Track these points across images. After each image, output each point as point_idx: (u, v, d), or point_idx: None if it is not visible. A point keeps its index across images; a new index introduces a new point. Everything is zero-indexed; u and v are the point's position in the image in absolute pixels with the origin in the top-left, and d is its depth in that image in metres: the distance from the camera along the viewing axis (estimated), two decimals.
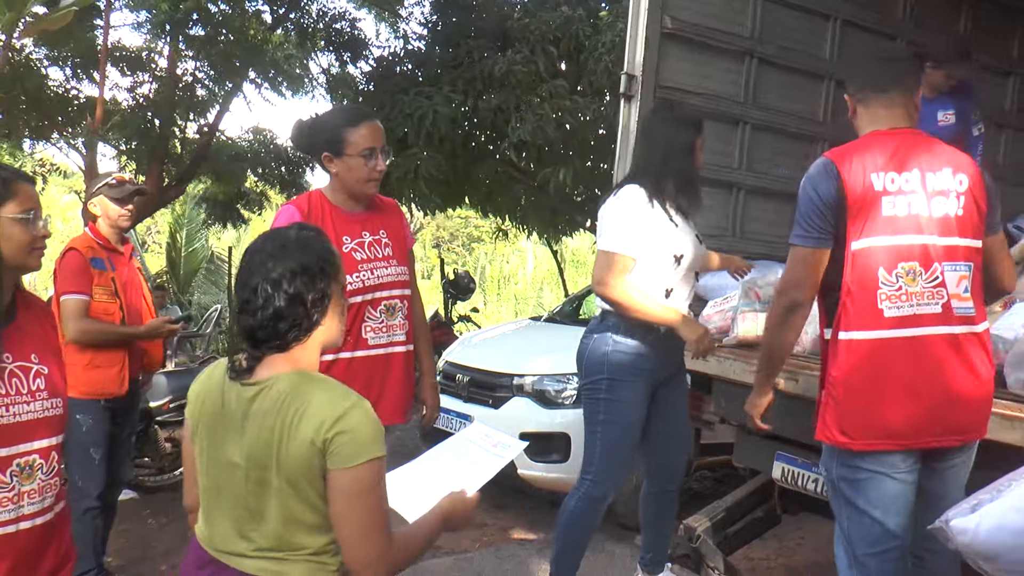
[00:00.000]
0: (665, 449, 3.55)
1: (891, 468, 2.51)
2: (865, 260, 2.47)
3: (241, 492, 1.76)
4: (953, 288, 2.48)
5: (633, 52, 4.27)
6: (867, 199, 2.47)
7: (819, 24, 5.19)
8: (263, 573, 1.75)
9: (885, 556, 2.57)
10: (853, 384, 2.49)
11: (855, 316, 2.48)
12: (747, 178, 4.85)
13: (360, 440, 1.69)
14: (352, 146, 2.94)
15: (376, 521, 1.72)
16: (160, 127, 10.22)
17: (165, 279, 16.75)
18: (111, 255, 3.99)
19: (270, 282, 1.74)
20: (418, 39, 10.62)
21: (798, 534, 5.43)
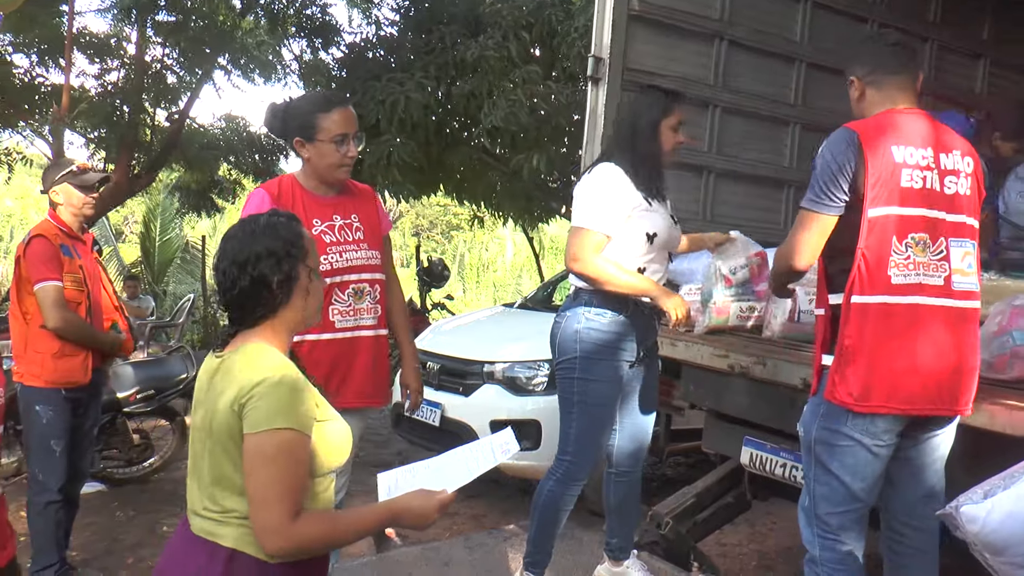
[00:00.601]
0: (630, 431, 3.52)
1: (874, 439, 2.57)
2: (881, 228, 2.53)
3: (196, 453, 1.90)
4: (957, 263, 2.56)
5: (600, 35, 4.23)
6: (888, 169, 2.54)
7: (790, 6, 5.16)
8: (201, 533, 1.85)
9: (846, 516, 2.65)
10: (865, 347, 2.53)
11: (868, 281, 2.53)
12: (717, 161, 4.82)
13: (269, 408, 1.76)
14: (324, 132, 2.93)
15: (276, 492, 1.76)
16: (129, 115, 10.09)
17: (140, 269, 16.63)
18: (75, 243, 3.93)
19: (236, 265, 1.87)
20: (390, 25, 10.52)
21: (769, 519, 5.44)
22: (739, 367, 3.48)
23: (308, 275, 1.94)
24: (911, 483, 2.74)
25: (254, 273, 1.86)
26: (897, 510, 2.78)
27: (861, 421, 2.56)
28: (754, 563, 4.92)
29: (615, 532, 3.54)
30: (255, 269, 1.86)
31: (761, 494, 4.22)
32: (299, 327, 1.99)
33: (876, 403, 2.53)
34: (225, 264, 1.89)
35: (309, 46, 11.25)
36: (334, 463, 1.92)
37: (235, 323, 1.93)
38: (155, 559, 4.52)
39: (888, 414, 2.55)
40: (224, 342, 1.94)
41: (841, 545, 2.66)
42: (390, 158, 8.45)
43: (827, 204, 2.60)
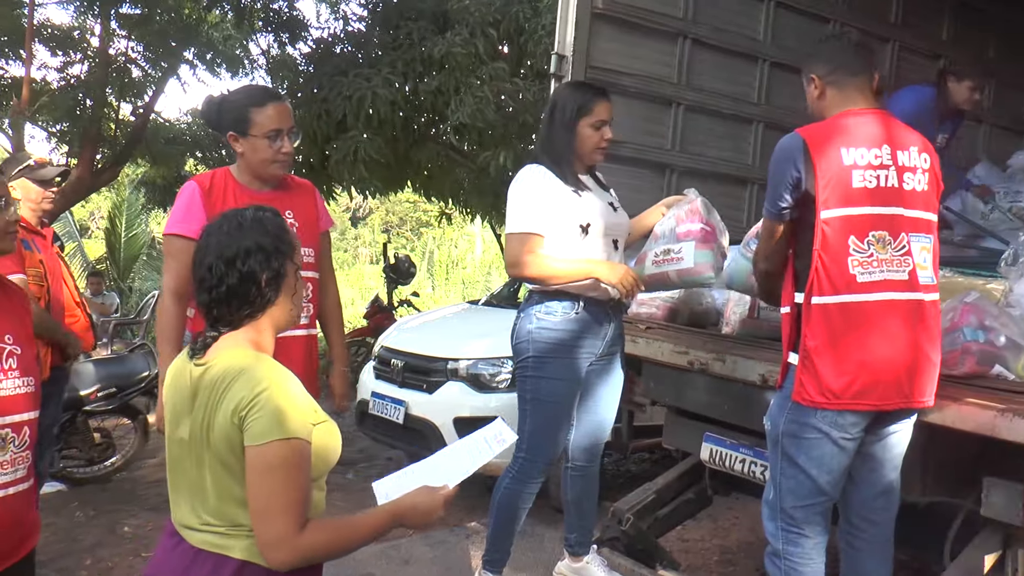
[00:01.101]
0: (587, 427, 3.53)
1: (841, 431, 2.60)
2: (834, 229, 2.58)
3: (189, 468, 1.82)
4: (917, 258, 2.61)
5: (564, 32, 4.24)
6: (837, 172, 2.58)
7: (753, 6, 5.20)
8: (207, 546, 1.79)
9: (811, 509, 2.68)
10: (828, 347, 2.57)
11: (828, 282, 2.57)
12: (680, 159, 4.84)
13: (271, 419, 1.71)
14: (257, 127, 2.91)
15: (280, 503, 1.72)
16: (92, 108, 9.93)
17: (105, 265, 16.43)
18: (34, 238, 3.89)
19: (224, 260, 1.80)
20: (358, 20, 10.44)
21: (732, 514, 5.49)
22: (699, 363, 3.50)
23: (295, 273, 1.90)
24: (870, 479, 2.78)
25: (243, 269, 1.81)
26: (855, 505, 2.82)
27: (829, 415, 2.60)
28: (716, 558, 4.96)
29: (573, 527, 3.56)
30: (244, 265, 1.81)
31: (722, 489, 4.25)
32: (283, 327, 1.94)
33: (846, 400, 2.57)
34: (211, 259, 1.82)
35: (276, 41, 11.13)
36: (329, 465, 1.88)
37: (218, 322, 1.86)
38: (114, 560, 4.52)
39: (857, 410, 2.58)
40: (205, 345, 1.85)
41: (805, 539, 2.70)
42: (356, 154, 8.41)
43: (773, 212, 2.73)
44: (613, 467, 6.77)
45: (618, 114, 4.52)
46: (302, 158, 9.62)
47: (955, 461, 3.20)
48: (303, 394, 1.80)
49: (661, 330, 3.83)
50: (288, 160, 3.01)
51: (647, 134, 4.74)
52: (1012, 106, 6.39)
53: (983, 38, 6.15)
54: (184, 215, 2.96)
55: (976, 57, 4.92)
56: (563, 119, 3.34)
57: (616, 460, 6.83)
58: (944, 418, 2.79)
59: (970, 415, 2.72)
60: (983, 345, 2.94)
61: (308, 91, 9.17)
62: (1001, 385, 2.85)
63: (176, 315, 2.98)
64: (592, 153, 3.39)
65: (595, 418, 3.54)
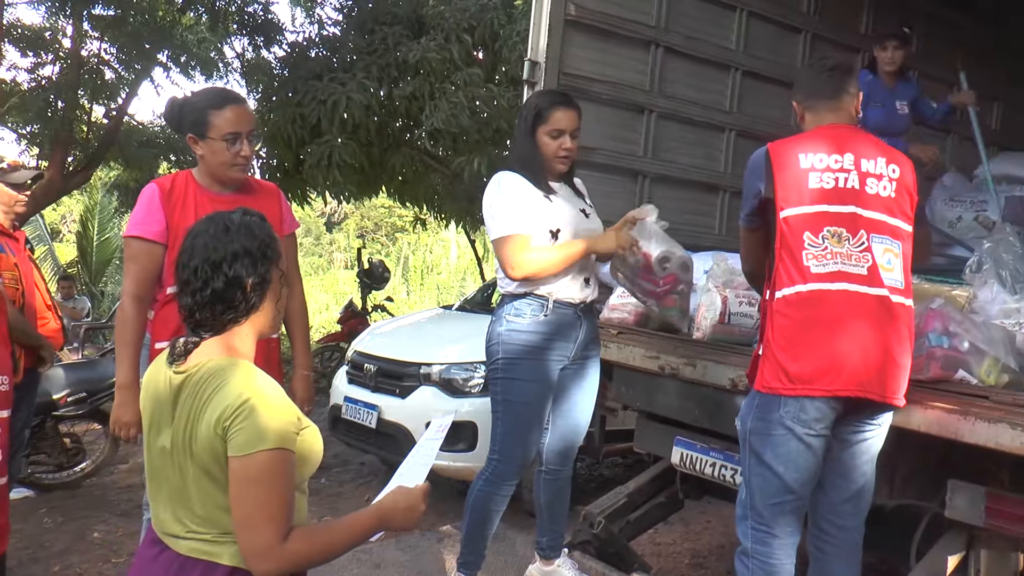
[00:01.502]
0: (561, 431, 3.53)
1: (805, 427, 2.64)
2: (791, 226, 2.68)
3: (171, 476, 1.80)
4: (879, 257, 2.67)
5: (537, 39, 4.26)
6: (794, 175, 2.71)
7: (725, 15, 5.25)
8: (195, 554, 1.77)
9: (780, 508, 2.72)
10: (785, 334, 2.66)
11: (786, 275, 2.68)
12: (652, 166, 4.88)
13: (255, 430, 1.69)
14: (215, 129, 2.89)
15: (265, 514, 1.70)
16: (63, 110, 9.84)
17: (77, 269, 16.28)
18: (7, 240, 3.87)
19: (210, 264, 1.77)
20: (333, 24, 10.45)
21: (704, 518, 5.52)
22: (669, 368, 3.53)
23: (280, 279, 1.89)
24: (839, 484, 2.82)
25: (230, 273, 1.78)
26: (824, 509, 2.85)
27: (792, 408, 2.63)
28: (687, 561, 5.00)
29: (545, 531, 3.57)
30: (231, 269, 1.78)
31: (693, 493, 4.28)
32: (265, 333, 1.92)
33: (801, 386, 2.62)
34: (197, 262, 1.79)
35: (251, 44, 11.10)
36: (312, 468, 1.88)
37: (200, 326, 1.82)
38: (84, 566, 4.48)
39: (817, 397, 2.61)
40: (185, 351, 1.83)
41: (773, 538, 2.72)
42: (331, 159, 8.41)
43: (745, 219, 2.92)
44: (586, 471, 6.79)
45: (590, 121, 4.57)
46: (276, 162, 9.60)
47: (922, 465, 3.26)
48: (286, 402, 1.79)
49: (632, 335, 3.86)
50: (246, 163, 2.99)
51: (619, 141, 4.78)
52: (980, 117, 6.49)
53: (952, 51, 6.25)
54: (143, 217, 2.95)
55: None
56: (525, 127, 3.39)
57: (589, 464, 6.85)
58: (910, 422, 2.84)
59: (935, 419, 2.77)
60: (947, 351, 2.99)
61: (283, 95, 9.15)
62: (964, 390, 2.91)
63: (135, 318, 2.97)
64: (552, 161, 3.39)
65: (569, 422, 3.55)
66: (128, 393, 2.99)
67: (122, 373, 2.98)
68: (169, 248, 2.91)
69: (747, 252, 3.04)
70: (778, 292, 2.69)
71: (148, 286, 2.97)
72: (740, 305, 3.84)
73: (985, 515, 2.86)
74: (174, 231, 2.90)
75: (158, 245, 2.93)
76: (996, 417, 2.63)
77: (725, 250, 4.30)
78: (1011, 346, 3.04)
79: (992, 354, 2.98)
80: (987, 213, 5.38)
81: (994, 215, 5.34)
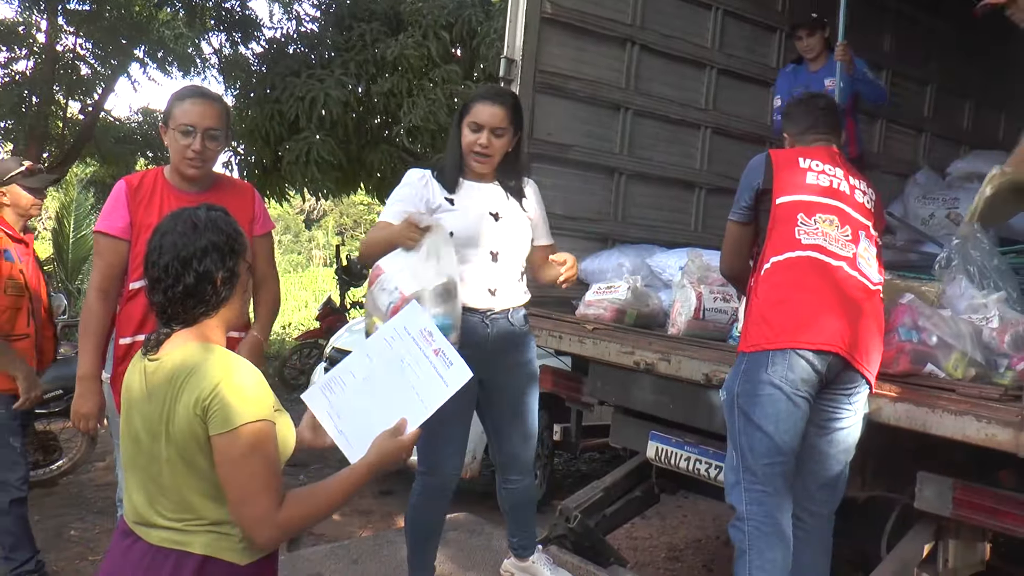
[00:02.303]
0: (507, 441, 3.36)
1: (792, 387, 2.70)
2: (787, 210, 2.85)
3: (145, 464, 1.82)
4: (862, 251, 2.84)
5: (513, 36, 4.28)
6: (792, 169, 2.91)
7: (701, 13, 5.28)
8: (166, 543, 1.79)
9: (771, 468, 2.75)
10: (772, 293, 2.79)
11: (776, 245, 2.83)
12: (629, 163, 4.91)
13: (236, 404, 1.73)
14: (174, 119, 2.91)
15: (257, 485, 1.75)
16: (38, 105, 9.77)
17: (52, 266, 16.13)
18: (17, 245, 3.88)
19: (180, 260, 1.81)
20: (311, 21, 10.41)
21: (680, 512, 5.58)
22: (644, 363, 3.56)
23: (247, 272, 1.93)
24: (814, 470, 2.87)
25: (199, 269, 1.82)
26: (798, 496, 2.89)
27: (780, 367, 2.70)
28: (663, 555, 5.05)
29: (515, 533, 3.46)
30: (201, 265, 1.82)
31: (669, 488, 4.32)
32: (234, 326, 1.97)
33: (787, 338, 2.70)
34: (167, 260, 1.82)
35: (228, 40, 11.07)
36: (285, 456, 1.90)
37: (172, 321, 1.86)
38: (60, 564, 4.47)
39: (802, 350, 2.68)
40: (158, 343, 1.86)
41: (768, 496, 2.74)
42: (309, 155, 8.41)
43: (737, 213, 3.03)
44: (563, 466, 6.83)
45: (567, 118, 4.62)
46: (254, 159, 9.58)
47: (892, 457, 3.31)
48: (263, 381, 1.83)
49: (608, 331, 3.89)
50: (197, 161, 2.94)
51: (596, 138, 4.80)
52: (951, 116, 6.59)
53: (924, 51, 6.34)
54: (108, 213, 2.96)
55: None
56: (456, 117, 3.22)
57: (566, 460, 6.89)
58: (880, 415, 2.89)
59: (904, 412, 2.82)
60: (916, 345, 3.04)
61: (261, 91, 9.12)
62: (932, 383, 2.95)
63: (99, 313, 2.97)
64: (467, 155, 3.15)
65: (513, 431, 3.36)
66: (88, 384, 3.00)
67: (83, 364, 2.98)
68: (133, 244, 2.92)
69: (734, 248, 3.12)
70: (766, 263, 2.82)
71: (113, 281, 2.98)
72: (715, 301, 3.89)
73: (953, 506, 2.91)
74: (137, 228, 2.91)
75: (122, 241, 2.93)
76: (962, 410, 2.68)
77: (700, 246, 4.34)
78: (978, 340, 3.10)
79: (959, 348, 3.03)
80: (959, 210, 5.45)
81: (965, 213, 5.41)
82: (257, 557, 1.85)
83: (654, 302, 4.21)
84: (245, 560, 1.82)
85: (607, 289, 4.23)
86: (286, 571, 3.93)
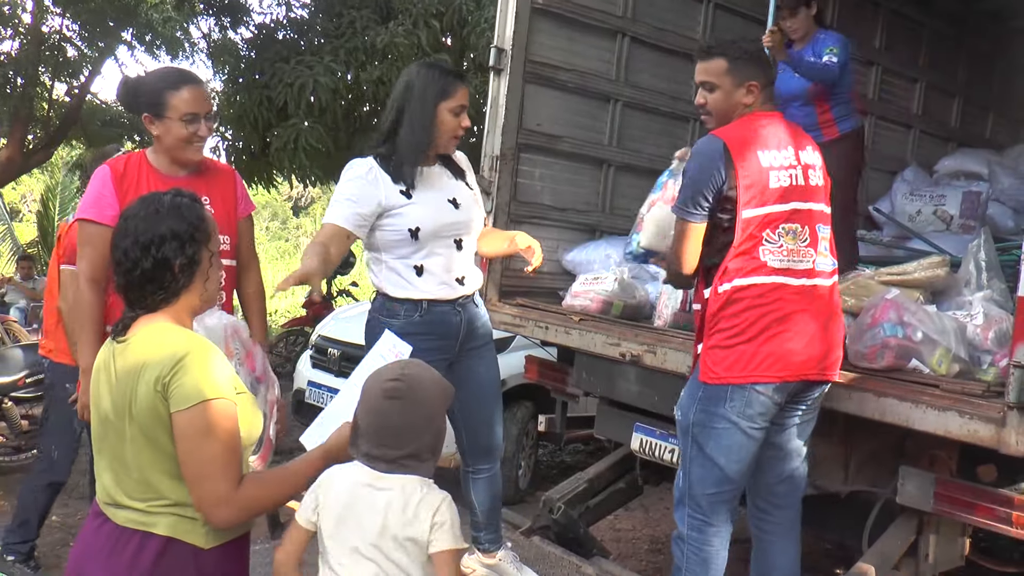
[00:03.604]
0: (472, 428, 3.29)
1: (750, 422, 2.71)
2: (753, 225, 2.72)
3: (113, 443, 1.84)
4: (819, 246, 2.79)
5: (503, 26, 4.25)
6: (757, 174, 2.73)
7: (692, 6, 5.26)
8: (131, 524, 1.81)
9: (718, 497, 2.79)
10: (736, 325, 2.70)
11: (739, 268, 2.71)
12: (617, 155, 4.90)
13: (195, 381, 1.75)
14: (172, 109, 2.87)
15: (216, 464, 1.76)
16: (23, 86, 9.69)
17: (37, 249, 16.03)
18: None
19: (139, 246, 1.83)
20: (301, 7, 10.35)
21: (663, 504, 5.59)
22: (630, 355, 3.57)
23: (209, 259, 1.93)
24: (776, 466, 2.91)
25: (157, 255, 1.83)
26: (761, 490, 2.95)
27: (738, 403, 2.69)
28: (646, 547, 5.07)
29: (481, 527, 3.36)
30: (159, 251, 1.83)
31: (653, 479, 4.34)
32: (198, 311, 1.98)
33: (752, 374, 2.68)
34: (127, 244, 1.85)
35: (217, 24, 10.99)
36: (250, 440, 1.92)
37: (133, 305, 1.89)
38: (42, 549, 4.43)
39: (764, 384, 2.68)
40: (125, 327, 1.88)
41: (708, 527, 2.80)
42: (297, 142, 8.37)
43: (695, 213, 2.78)
44: (548, 457, 6.84)
45: (556, 109, 4.60)
46: (242, 145, 9.52)
47: (875, 453, 3.33)
48: (223, 360, 1.84)
49: (594, 322, 3.89)
50: (203, 144, 2.97)
51: (585, 129, 4.78)
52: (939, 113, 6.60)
53: (914, 48, 6.34)
54: (95, 200, 2.92)
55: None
56: (423, 101, 3.00)
57: (551, 451, 6.90)
58: (863, 410, 2.92)
59: (887, 407, 2.85)
60: (901, 340, 3.07)
61: (249, 77, 9.07)
62: (917, 378, 2.98)
63: (92, 302, 2.94)
64: (449, 141, 3.09)
65: (478, 418, 3.29)
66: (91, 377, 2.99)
67: (85, 357, 2.93)
68: None
69: (690, 249, 2.84)
70: (729, 283, 2.72)
71: (104, 269, 2.94)
72: None
73: (934, 501, 2.95)
74: None
75: (112, 229, 2.91)
76: (945, 405, 2.71)
77: None
78: (962, 336, 3.12)
79: (944, 344, 3.06)
80: (946, 207, 5.47)
81: (952, 209, 5.44)
82: (221, 541, 1.85)
83: (641, 294, 4.21)
84: (209, 543, 1.83)
85: (594, 280, 4.23)
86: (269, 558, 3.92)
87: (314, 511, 1.96)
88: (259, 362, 2.02)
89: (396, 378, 1.95)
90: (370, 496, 1.92)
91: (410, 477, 1.93)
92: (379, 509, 1.91)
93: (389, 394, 1.92)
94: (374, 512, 1.91)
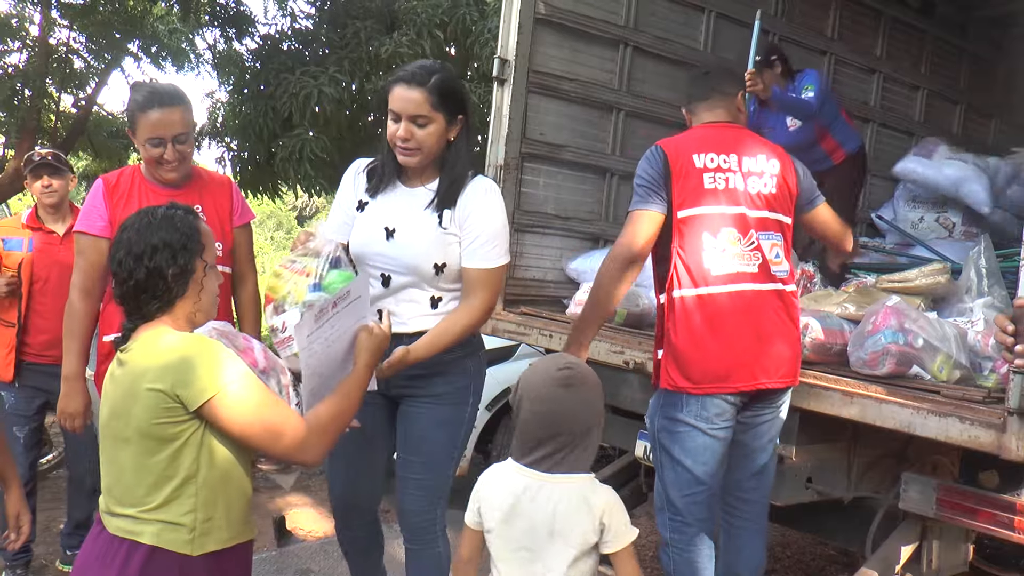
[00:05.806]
0: (401, 489, 2.86)
1: (708, 423, 2.78)
2: (691, 227, 2.82)
3: (114, 452, 1.89)
4: (768, 253, 2.85)
5: (507, 36, 4.29)
6: (689, 174, 2.83)
7: (694, 16, 5.29)
8: (120, 532, 1.86)
9: (692, 499, 2.85)
10: (690, 335, 2.77)
11: (687, 276, 2.80)
12: (620, 164, 4.92)
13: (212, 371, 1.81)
14: (140, 130, 2.92)
15: (273, 419, 1.85)
16: (31, 98, 9.74)
17: None
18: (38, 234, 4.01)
19: (132, 256, 1.89)
20: (305, 18, 10.41)
21: None
22: (634, 363, 3.58)
23: (203, 269, 1.97)
24: (743, 463, 2.98)
25: (150, 265, 1.88)
26: (730, 486, 3.01)
27: (695, 407, 2.77)
28: (651, 554, 5.05)
29: None
30: (151, 261, 1.88)
31: None
32: (196, 320, 2.01)
33: (706, 385, 2.76)
34: (121, 255, 1.91)
35: (222, 36, 11.04)
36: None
37: (131, 315, 1.94)
38: (48, 558, 4.46)
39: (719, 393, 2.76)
40: (126, 337, 1.94)
41: (688, 527, 2.86)
42: (302, 152, 8.42)
43: (651, 203, 2.87)
44: None
45: (560, 118, 4.63)
46: (248, 155, 9.57)
47: (878, 459, 3.35)
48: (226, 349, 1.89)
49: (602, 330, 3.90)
50: (172, 166, 2.96)
51: (588, 138, 4.82)
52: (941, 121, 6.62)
53: (915, 53, 6.37)
54: (87, 212, 3.00)
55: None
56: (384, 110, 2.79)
57: None
58: (866, 416, 2.93)
59: (889, 413, 2.86)
60: (902, 347, 3.08)
61: (254, 87, 9.12)
62: (917, 385, 3.00)
63: (82, 312, 3.00)
64: (394, 149, 2.65)
65: (407, 477, 2.80)
66: (73, 384, 3.03)
67: (68, 364, 3.01)
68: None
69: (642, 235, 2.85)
70: (676, 291, 2.81)
71: (95, 280, 3.00)
72: None
73: (937, 506, 2.96)
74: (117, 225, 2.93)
75: (103, 239, 2.95)
76: (946, 411, 2.72)
77: None
78: (963, 343, 3.14)
79: (945, 351, 3.07)
80: (947, 214, 5.49)
81: (954, 216, 5.46)
82: (210, 549, 1.87)
83: (644, 302, 4.23)
84: (197, 551, 1.85)
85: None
86: (275, 566, 3.94)
87: (477, 512, 2.09)
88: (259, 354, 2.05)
89: (567, 366, 2.06)
90: (537, 496, 2.01)
91: (574, 476, 2.03)
92: (547, 510, 2.00)
93: (563, 382, 2.02)
94: (541, 513, 2.00)
